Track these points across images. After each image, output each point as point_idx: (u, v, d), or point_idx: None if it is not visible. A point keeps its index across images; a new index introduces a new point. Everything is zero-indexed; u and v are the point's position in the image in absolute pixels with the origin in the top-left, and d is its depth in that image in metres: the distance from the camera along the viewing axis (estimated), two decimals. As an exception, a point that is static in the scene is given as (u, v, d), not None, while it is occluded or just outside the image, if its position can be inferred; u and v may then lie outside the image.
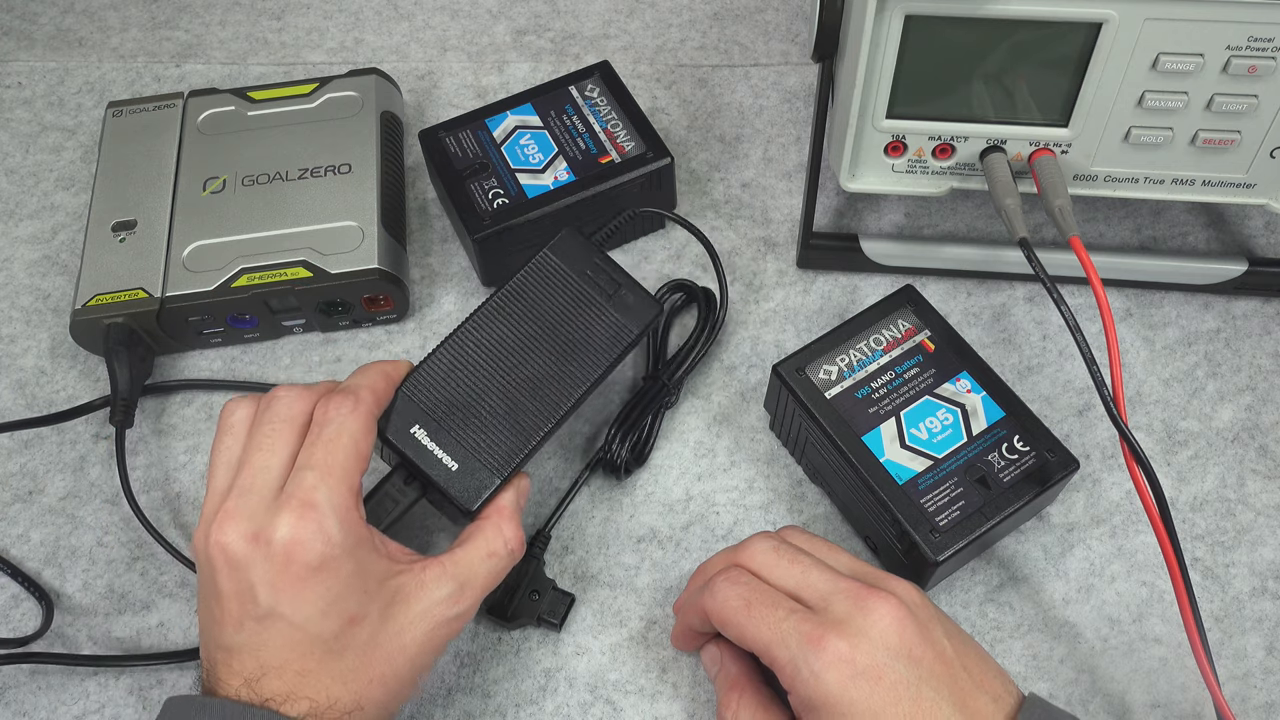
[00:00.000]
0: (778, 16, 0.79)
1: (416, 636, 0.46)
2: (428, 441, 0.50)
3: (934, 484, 0.52)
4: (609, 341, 0.53)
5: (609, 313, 0.54)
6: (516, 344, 0.53)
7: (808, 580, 0.45)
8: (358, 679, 0.44)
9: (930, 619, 0.44)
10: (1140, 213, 0.68)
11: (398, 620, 0.45)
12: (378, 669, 0.45)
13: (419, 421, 0.51)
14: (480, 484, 0.50)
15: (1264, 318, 0.64)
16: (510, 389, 0.52)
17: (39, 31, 0.80)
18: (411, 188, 0.71)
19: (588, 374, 0.53)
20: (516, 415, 0.51)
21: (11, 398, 0.63)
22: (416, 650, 0.46)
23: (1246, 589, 0.55)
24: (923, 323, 0.57)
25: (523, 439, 0.51)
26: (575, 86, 0.67)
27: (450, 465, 0.50)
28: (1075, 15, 0.50)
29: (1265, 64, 0.50)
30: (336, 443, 0.46)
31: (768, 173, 0.71)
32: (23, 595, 0.57)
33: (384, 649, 0.45)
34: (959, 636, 0.45)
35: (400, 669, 0.45)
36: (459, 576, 0.47)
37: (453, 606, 0.47)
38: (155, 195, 0.64)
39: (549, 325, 0.53)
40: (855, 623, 0.42)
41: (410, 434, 0.51)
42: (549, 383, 0.52)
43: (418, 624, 0.46)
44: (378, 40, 0.79)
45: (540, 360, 0.53)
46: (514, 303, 0.54)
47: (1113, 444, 0.59)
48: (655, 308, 0.55)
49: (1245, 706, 0.52)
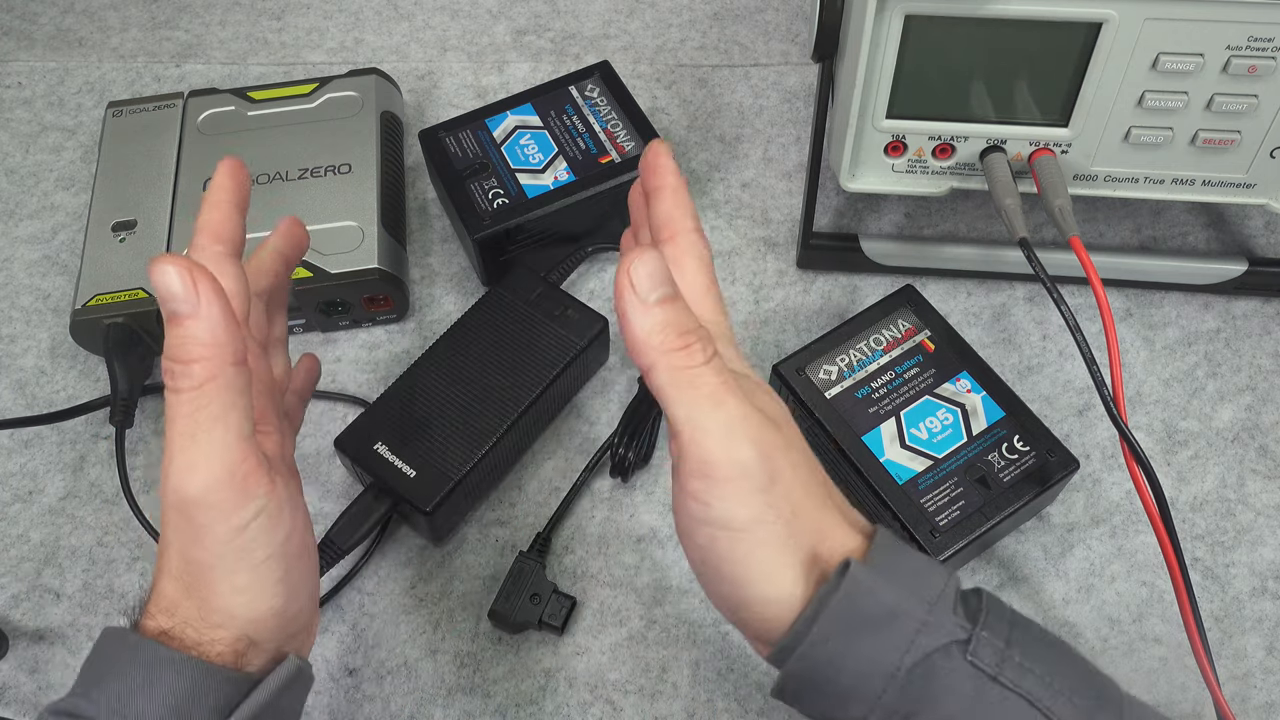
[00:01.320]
0: (778, 16, 0.79)
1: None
2: (389, 455, 0.55)
3: (934, 484, 0.52)
4: (555, 354, 0.58)
5: (554, 330, 0.59)
6: (469, 365, 0.58)
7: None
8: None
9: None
10: (1140, 213, 0.68)
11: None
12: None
13: (381, 439, 0.56)
14: (436, 487, 0.54)
15: (1264, 318, 0.64)
16: (465, 404, 0.56)
17: (39, 31, 0.80)
18: (411, 188, 0.71)
19: (536, 384, 0.57)
20: (470, 425, 0.56)
21: (11, 398, 0.63)
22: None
23: (1246, 589, 0.55)
24: (923, 323, 0.57)
25: (475, 445, 0.55)
26: (575, 86, 0.67)
27: (409, 473, 0.54)
28: (1075, 15, 0.50)
29: (1265, 64, 0.50)
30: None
31: (768, 173, 0.71)
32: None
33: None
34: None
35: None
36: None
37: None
38: (155, 195, 0.64)
39: (499, 346, 0.58)
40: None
41: (373, 450, 0.55)
42: (500, 394, 0.57)
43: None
44: (378, 40, 0.79)
45: (491, 376, 0.57)
46: (467, 331, 0.59)
47: (1113, 444, 0.59)
48: (599, 321, 0.59)
49: (1245, 706, 0.52)
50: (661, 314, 0.37)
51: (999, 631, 0.37)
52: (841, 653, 0.36)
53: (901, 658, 0.36)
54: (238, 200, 0.45)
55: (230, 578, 0.38)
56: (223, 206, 0.45)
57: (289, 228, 0.51)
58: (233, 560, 0.38)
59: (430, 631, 0.55)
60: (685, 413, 0.37)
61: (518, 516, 0.58)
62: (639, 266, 0.36)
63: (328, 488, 0.60)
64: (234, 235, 0.45)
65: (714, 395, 0.37)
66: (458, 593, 0.56)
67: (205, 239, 0.44)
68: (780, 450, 0.38)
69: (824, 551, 0.38)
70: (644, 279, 0.36)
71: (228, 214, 0.45)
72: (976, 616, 0.37)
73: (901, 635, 0.36)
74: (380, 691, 0.54)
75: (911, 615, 0.36)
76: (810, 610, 0.37)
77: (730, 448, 0.36)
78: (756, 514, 0.37)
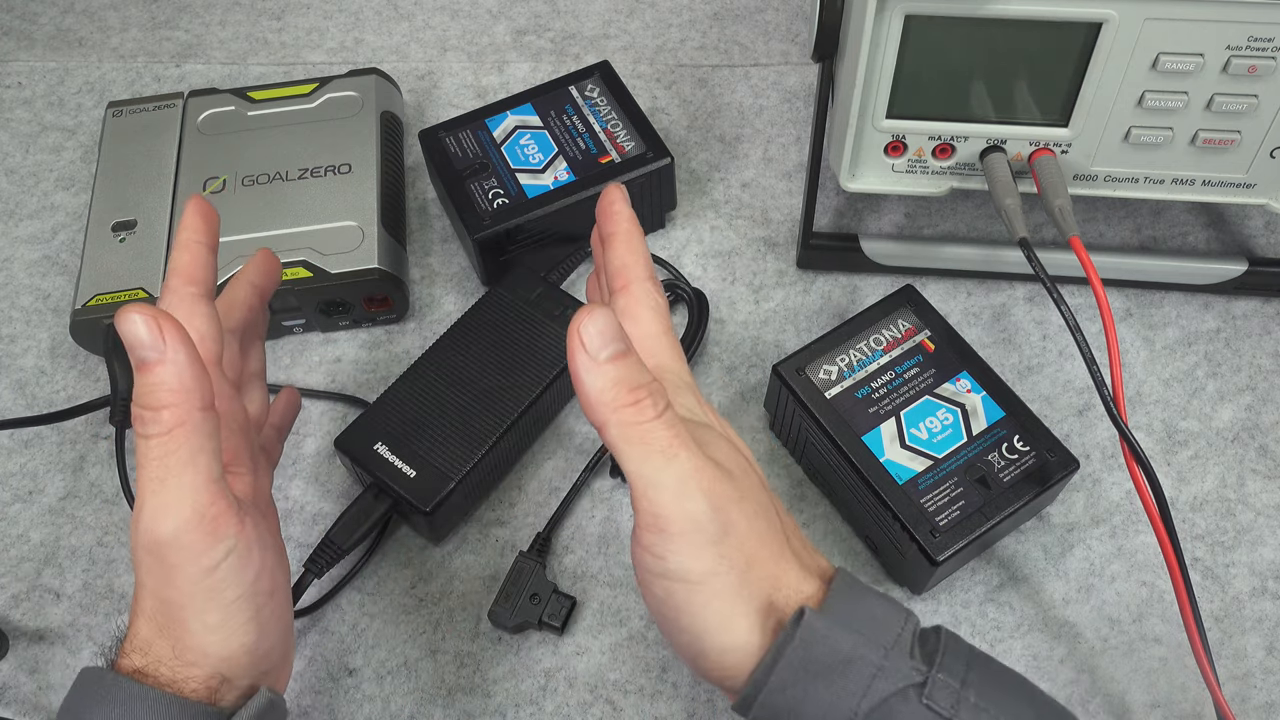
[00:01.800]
0: (778, 16, 0.79)
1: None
2: (389, 455, 0.55)
3: (934, 484, 0.52)
4: (555, 354, 0.58)
5: (554, 330, 0.59)
6: (469, 365, 0.58)
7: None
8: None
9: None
10: (1140, 213, 0.68)
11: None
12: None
13: (382, 439, 0.55)
14: (435, 487, 0.54)
15: (1264, 318, 0.64)
16: (465, 404, 0.56)
17: (39, 31, 0.80)
18: (411, 188, 0.71)
19: (536, 384, 0.57)
20: (470, 425, 0.56)
21: (11, 397, 0.63)
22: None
23: (1246, 589, 0.55)
24: (923, 323, 0.57)
25: (475, 445, 0.55)
26: (575, 86, 0.67)
27: (409, 473, 0.54)
28: (1075, 15, 0.50)
29: (1265, 64, 0.50)
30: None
31: (768, 173, 0.71)
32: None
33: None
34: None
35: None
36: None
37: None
38: (155, 195, 0.64)
39: (498, 346, 0.58)
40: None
41: (374, 450, 0.55)
42: (499, 394, 0.57)
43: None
44: (378, 40, 0.79)
45: (491, 376, 0.57)
46: (467, 331, 0.59)
47: (1113, 444, 0.59)
48: None
49: (1245, 706, 0.52)
50: (613, 371, 0.37)
51: (955, 672, 0.37)
52: (800, 699, 0.37)
53: (858, 703, 0.37)
54: (208, 240, 0.46)
55: (202, 617, 0.39)
56: (193, 247, 0.45)
57: (262, 260, 0.51)
58: (204, 600, 0.38)
59: (430, 631, 0.55)
60: (637, 468, 0.37)
61: (518, 516, 0.58)
62: (589, 325, 0.36)
63: (328, 488, 0.60)
64: (205, 276, 0.45)
65: (666, 450, 0.37)
66: (458, 593, 0.56)
67: (177, 281, 0.44)
68: (734, 502, 0.38)
69: (779, 600, 0.38)
70: (594, 337, 0.36)
71: (197, 254, 0.45)
72: (933, 658, 0.38)
73: (858, 681, 0.37)
74: (380, 691, 0.54)
75: (867, 661, 0.37)
76: (768, 659, 0.37)
77: (682, 502, 0.37)
78: (710, 566, 0.37)
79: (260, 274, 0.51)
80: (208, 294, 0.45)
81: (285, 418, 0.54)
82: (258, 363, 0.51)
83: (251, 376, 0.50)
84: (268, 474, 0.48)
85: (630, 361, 0.37)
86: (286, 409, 0.54)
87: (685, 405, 0.42)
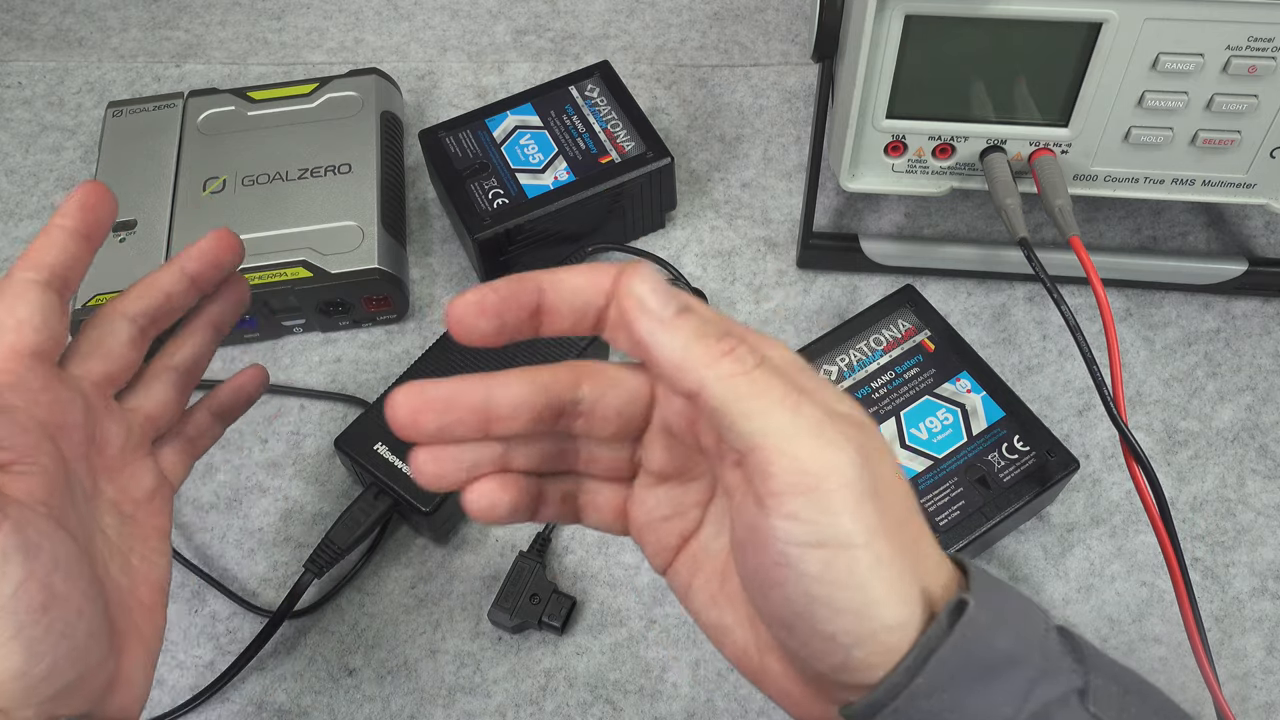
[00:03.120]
0: (778, 16, 0.79)
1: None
2: (389, 455, 0.55)
3: (934, 484, 0.52)
4: (556, 354, 0.57)
5: None
6: (469, 365, 0.57)
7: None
8: None
9: None
10: (1140, 213, 0.68)
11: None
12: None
13: (382, 439, 0.55)
14: None
15: (1264, 318, 0.64)
16: None
17: (39, 31, 0.80)
18: (411, 188, 0.71)
19: None
20: None
21: (11, 398, 0.63)
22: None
23: (1246, 589, 0.55)
24: (923, 323, 0.57)
25: None
26: (575, 86, 0.67)
27: (409, 473, 0.52)
28: (1075, 15, 0.50)
29: (1265, 64, 0.50)
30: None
31: (768, 173, 0.71)
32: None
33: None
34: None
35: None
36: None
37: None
38: (155, 195, 0.64)
39: (502, 346, 0.56)
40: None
41: (374, 450, 0.55)
42: None
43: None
44: (378, 40, 0.79)
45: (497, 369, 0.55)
46: None
47: (1113, 444, 0.59)
48: None
49: (1245, 706, 0.52)
50: (692, 323, 0.31)
51: (1111, 676, 0.33)
52: (949, 706, 0.31)
53: (1016, 712, 0.31)
54: (81, 227, 0.42)
55: None
56: (52, 232, 0.42)
57: (208, 246, 0.47)
58: None
59: (430, 631, 0.55)
60: (760, 424, 0.31)
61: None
62: (639, 285, 0.31)
63: (327, 488, 0.60)
64: (55, 261, 0.42)
65: (785, 398, 0.31)
66: (458, 593, 0.56)
67: (18, 265, 0.42)
68: (874, 451, 0.32)
69: (926, 579, 0.32)
70: (651, 294, 0.31)
71: (54, 239, 0.42)
72: (1083, 660, 0.32)
73: (1018, 685, 0.31)
74: (380, 691, 0.54)
75: (1029, 662, 0.31)
76: (912, 658, 0.31)
77: (830, 452, 0.31)
78: (875, 523, 0.31)
79: (196, 260, 0.46)
80: (49, 281, 0.41)
81: (234, 400, 0.49)
82: (181, 357, 0.47)
83: (162, 370, 0.46)
84: (147, 469, 0.44)
85: (703, 310, 0.32)
86: (238, 391, 0.49)
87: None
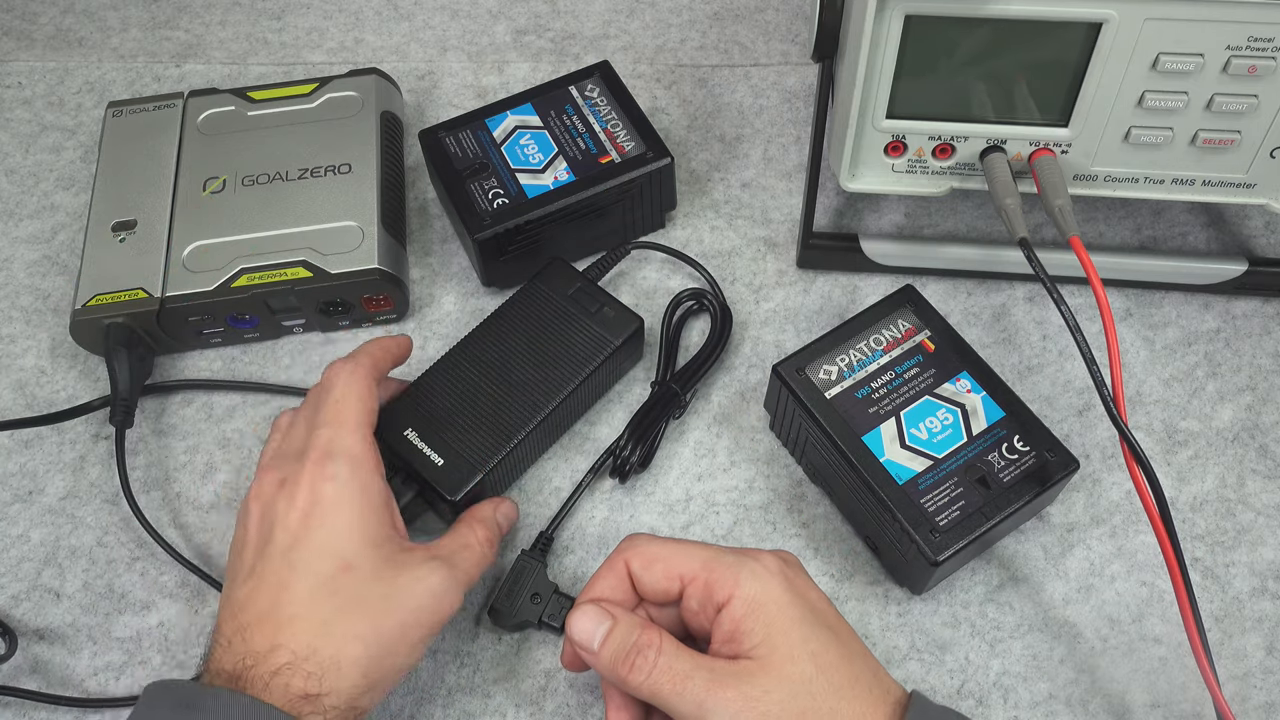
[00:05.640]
0: (778, 16, 0.79)
1: (405, 603, 0.46)
2: (419, 442, 0.55)
3: (934, 484, 0.52)
4: (590, 351, 0.58)
5: (591, 327, 0.59)
6: (503, 357, 0.58)
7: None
8: (338, 630, 0.44)
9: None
10: (1140, 213, 0.68)
11: (388, 582, 0.46)
12: (360, 625, 0.45)
13: (412, 425, 0.56)
14: (463, 477, 0.54)
15: (1264, 318, 0.64)
16: (496, 395, 0.57)
17: (39, 31, 0.80)
18: (411, 188, 0.71)
19: (569, 380, 0.57)
20: (500, 418, 0.56)
21: (11, 397, 0.63)
22: (400, 619, 0.46)
23: (1246, 589, 0.55)
24: (923, 323, 0.57)
25: (504, 438, 0.55)
26: (575, 86, 0.67)
27: (437, 461, 0.54)
28: (1075, 15, 0.50)
29: (1265, 64, 0.50)
30: (342, 400, 0.50)
31: (768, 173, 0.71)
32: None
33: (370, 605, 0.45)
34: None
35: (383, 633, 0.45)
36: (447, 560, 0.49)
37: (443, 584, 0.47)
38: (155, 195, 0.64)
39: (534, 340, 0.59)
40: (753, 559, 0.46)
41: (404, 436, 0.55)
42: (532, 388, 0.57)
43: (406, 592, 0.46)
44: (378, 40, 0.79)
45: (525, 370, 0.58)
46: (503, 323, 0.59)
47: (1113, 444, 0.59)
48: (635, 321, 0.59)
49: (1245, 706, 0.52)
50: (606, 652, 0.44)
51: None
52: None
53: None
54: (382, 364, 0.54)
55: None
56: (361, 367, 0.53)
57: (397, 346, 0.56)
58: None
59: (430, 631, 0.55)
60: (679, 705, 0.42)
61: (520, 515, 0.58)
62: (572, 627, 0.45)
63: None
64: (378, 365, 0.53)
65: (693, 673, 0.42)
66: (458, 593, 0.56)
67: (362, 360, 0.53)
68: (788, 680, 0.42)
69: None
70: (580, 634, 0.44)
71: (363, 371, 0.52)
72: None
73: None
74: (380, 691, 0.54)
75: None
76: None
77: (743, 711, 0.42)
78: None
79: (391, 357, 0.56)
80: (381, 373, 0.54)
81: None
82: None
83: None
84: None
85: (617, 632, 0.44)
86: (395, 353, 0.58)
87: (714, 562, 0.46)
